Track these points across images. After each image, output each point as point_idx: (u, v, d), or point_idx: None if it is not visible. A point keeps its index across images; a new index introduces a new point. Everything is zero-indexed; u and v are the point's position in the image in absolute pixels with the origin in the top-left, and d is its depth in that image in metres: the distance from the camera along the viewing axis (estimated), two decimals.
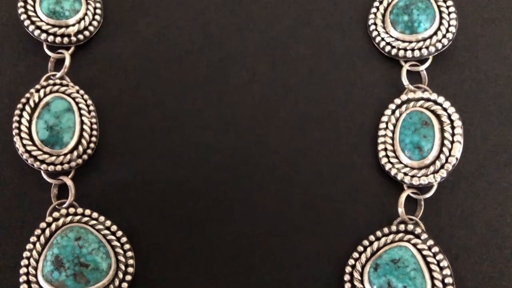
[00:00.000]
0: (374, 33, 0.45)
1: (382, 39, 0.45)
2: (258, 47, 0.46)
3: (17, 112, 0.43)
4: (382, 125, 0.43)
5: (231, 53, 0.46)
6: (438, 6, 0.44)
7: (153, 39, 0.46)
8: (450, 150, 0.41)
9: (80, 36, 0.45)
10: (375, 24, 0.45)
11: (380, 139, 0.43)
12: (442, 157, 0.41)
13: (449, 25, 0.44)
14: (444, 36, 0.44)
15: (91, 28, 0.46)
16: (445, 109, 0.42)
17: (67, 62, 0.45)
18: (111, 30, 0.47)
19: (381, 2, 0.46)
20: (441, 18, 0.44)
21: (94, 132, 0.44)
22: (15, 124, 0.43)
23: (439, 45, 0.44)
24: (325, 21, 0.46)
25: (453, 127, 0.42)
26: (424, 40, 0.44)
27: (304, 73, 0.45)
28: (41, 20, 0.45)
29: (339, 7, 0.46)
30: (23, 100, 0.44)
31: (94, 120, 0.44)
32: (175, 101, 0.45)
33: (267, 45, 0.46)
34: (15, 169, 0.44)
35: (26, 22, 0.45)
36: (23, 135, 0.43)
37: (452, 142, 0.41)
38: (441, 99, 0.42)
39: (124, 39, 0.46)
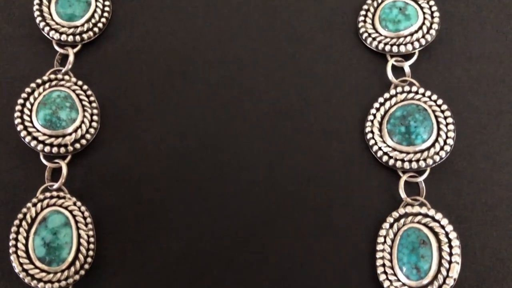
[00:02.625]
0: (371, 142, 0.45)
1: (379, 148, 0.45)
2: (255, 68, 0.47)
3: (14, 229, 0.43)
4: (380, 239, 0.43)
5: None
6: (436, 117, 0.44)
7: (151, 146, 0.46)
8: (448, 270, 0.41)
9: (77, 145, 0.45)
10: (372, 132, 0.45)
11: (379, 254, 0.43)
12: (440, 277, 0.41)
13: (447, 137, 0.44)
14: (442, 148, 0.44)
15: (88, 136, 0.46)
16: (443, 227, 0.42)
17: (64, 172, 0.45)
18: (108, 135, 0.47)
19: (378, 110, 0.46)
20: (439, 129, 0.44)
21: (92, 246, 0.44)
22: (12, 242, 0.43)
23: (437, 158, 0.43)
24: (321, 127, 0.46)
25: (450, 246, 0.41)
26: (422, 152, 0.44)
27: None
28: (38, 131, 0.45)
29: (336, 115, 0.46)
30: (20, 215, 0.44)
31: (91, 233, 0.44)
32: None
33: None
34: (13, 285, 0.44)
35: (23, 133, 0.45)
36: (20, 253, 0.43)
37: (450, 263, 0.41)
38: (438, 216, 0.42)
39: (122, 146, 0.46)
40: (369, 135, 0.45)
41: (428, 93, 0.45)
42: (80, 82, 0.47)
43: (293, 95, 0.47)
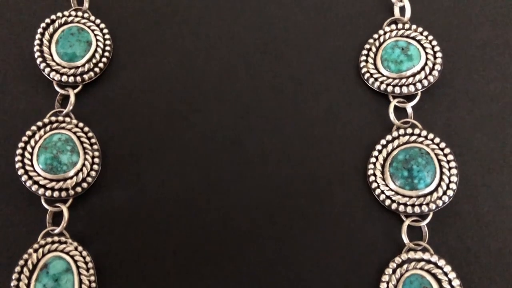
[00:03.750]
0: (374, 185, 0.45)
1: (382, 191, 0.44)
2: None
3: (15, 275, 0.43)
4: (383, 285, 0.42)
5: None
6: (439, 160, 0.44)
7: (152, 188, 0.46)
8: None
9: (78, 189, 0.45)
10: (374, 175, 0.45)
11: None
12: None
13: (450, 181, 0.44)
14: (444, 193, 0.43)
15: (89, 179, 0.46)
16: (445, 274, 0.42)
17: (65, 216, 0.45)
18: (109, 178, 0.46)
19: (380, 152, 0.45)
20: (442, 173, 0.44)
21: None
22: None
23: (440, 202, 0.43)
24: (323, 169, 0.46)
25: None
26: (425, 196, 0.43)
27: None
28: (39, 175, 0.45)
29: (338, 156, 0.46)
30: (21, 261, 0.43)
31: (92, 278, 0.44)
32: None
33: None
34: None
35: (24, 177, 0.45)
36: None
37: None
38: (441, 262, 0.42)
39: (123, 188, 0.46)
40: (372, 178, 0.45)
41: (430, 136, 0.45)
42: (81, 124, 0.47)
43: (294, 135, 0.47)
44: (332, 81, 0.48)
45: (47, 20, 0.49)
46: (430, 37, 0.47)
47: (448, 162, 0.44)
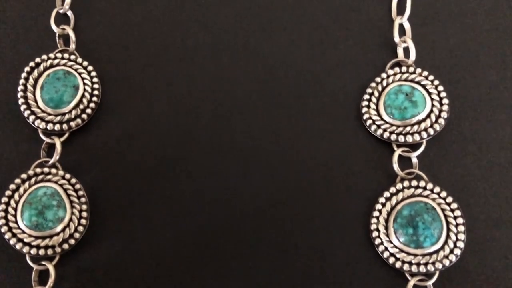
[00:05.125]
0: (377, 241, 0.42)
1: (386, 248, 0.42)
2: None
3: None
4: None
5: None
6: (445, 216, 0.42)
7: (142, 242, 0.44)
8: None
9: (65, 245, 0.43)
10: (377, 230, 0.43)
11: None
12: None
13: (457, 239, 0.41)
14: (451, 251, 0.41)
15: (76, 234, 0.43)
16: None
17: (52, 275, 0.43)
18: (98, 232, 0.44)
19: (383, 205, 0.43)
20: (448, 229, 0.41)
21: None
22: None
23: (446, 262, 0.41)
24: (324, 221, 0.44)
25: None
26: (430, 254, 0.41)
27: None
28: (23, 232, 0.43)
29: (339, 208, 0.44)
30: None
31: None
32: None
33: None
34: None
35: (7, 235, 0.43)
36: None
37: None
38: None
39: (112, 243, 0.44)
40: (375, 233, 0.43)
41: (437, 189, 0.43)
42: (68, 176, 0.44)
43: (292, 185, 0.44)
44: (332, 127, 0.46)
45: (31, 64, 0.46)
46: (436, 82, 0.45)
47: (455, 218, 0.42)
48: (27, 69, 0.46)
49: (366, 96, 0.46)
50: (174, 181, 0.45)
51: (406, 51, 0.47)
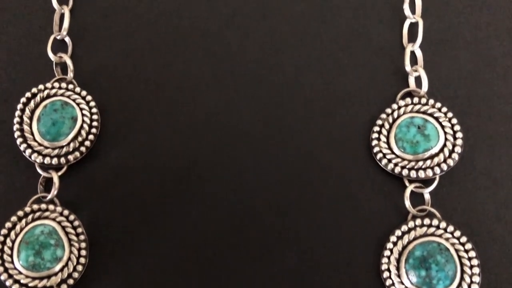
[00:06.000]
0: (388, 282, 0.41)
1: (393, 283, 0.41)
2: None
3: None
4: None
5: None
6: (459, 257, 0.40)
7: (145, 281, 0.42)
8: None
9: (64, 286, 0.41)
10: (388, 270, 0.41)
11: None
12: None
13: (472, 282, 0.40)
14: None
15: (75, 274, 0.41)
16: None
17: None
18: (97, 270, 0.42)
19: (395, 244, 0.41)
20: (463, 271, 0.40)
21: None
22: None
23: None
24: (332, 260, 0.42)
25: None
26: None
27: None
28: (20, 273, 0.41)
29: (348, 247, 0.42)
30: None
31: None
32: None
33: None
34: None
35: (3, 276, 0.41)
36: None
37: None
38: None
39: (112, 282, 0.42)
40: (386, 274, 0.41)
41: (450, 228, 0.41)
42: (66, 212, 0.43)
43: (300, 222, 0.43)
44: (341, 160, 0.44)
45: (28, 94, 0.45)
46: (450, 115, 0.43)
47: (469, 259, 0.40)
48: (23, 100, 0.45)
49: (376, 128, 0.44)
50: (175, 215, 0.43)
51: (418, 79, 0.45)
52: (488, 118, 0.44)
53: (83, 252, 0.42)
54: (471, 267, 0.40)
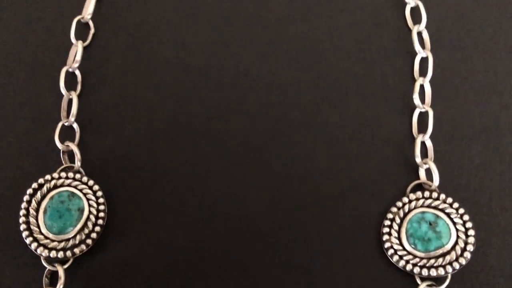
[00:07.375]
0: None
1: None
2: None
3: None
4: None
5: None
6: None
7: None
8: None
9: None
10: None
11: None
12: None
13: None
14: None
15: None
16: None
17: None
18: None
19: None
20: None
21: None
22: None
23: None
24: None
25: None
26: None
27: None
28: None
29: None
30: None
31: None
32: None
33: None
34: None
35: None
36: None
37: None
38: None
39: None
40: None
41: None
42: None
43: None
44: (351, 253, 0.43)
45: (34, 185, 0.44)
46: (461, 211, 0.42)
47: None
48: (29, 191, 0.44)
49: (387, 222, 0.43)
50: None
51: (428, 172, 0.44)
52: (500, 211, 0.44)
53: None
54: None
